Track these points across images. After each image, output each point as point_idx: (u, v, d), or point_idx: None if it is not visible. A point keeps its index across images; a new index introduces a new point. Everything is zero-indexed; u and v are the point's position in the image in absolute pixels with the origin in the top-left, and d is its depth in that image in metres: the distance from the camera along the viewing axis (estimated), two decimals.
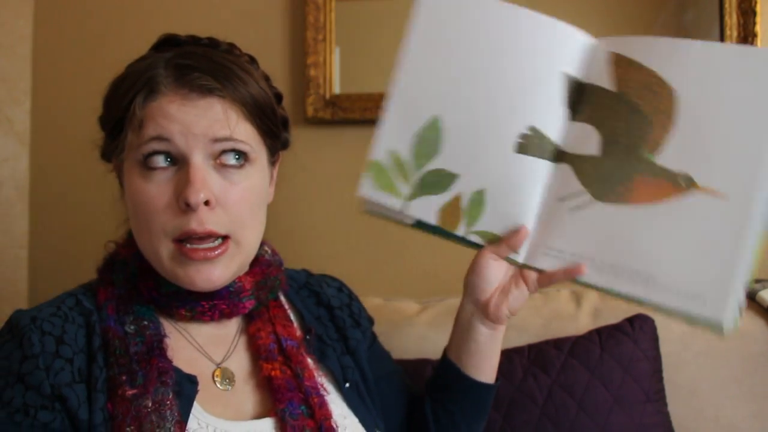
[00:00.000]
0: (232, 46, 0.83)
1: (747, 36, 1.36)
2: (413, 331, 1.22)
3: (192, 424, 0.70)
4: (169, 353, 0.73)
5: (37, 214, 1.59)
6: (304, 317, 0.88)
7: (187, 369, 0.74)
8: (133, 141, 0.74)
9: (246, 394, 0.78)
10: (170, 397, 0.68)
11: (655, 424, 1.05)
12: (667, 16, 1.44)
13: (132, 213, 0.76)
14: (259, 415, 0.76)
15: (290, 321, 0.85)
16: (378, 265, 1.47)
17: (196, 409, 0.72)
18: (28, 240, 1.59)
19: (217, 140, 0.73)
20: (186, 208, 0.71)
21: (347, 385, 0.85)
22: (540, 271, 0.79)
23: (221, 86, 0.74)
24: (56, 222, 1.59)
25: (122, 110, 0.75)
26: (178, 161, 0.73)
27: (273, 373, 0.77)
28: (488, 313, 0.85)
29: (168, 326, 0.77)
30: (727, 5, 1.38)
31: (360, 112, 1.46)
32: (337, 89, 1.48)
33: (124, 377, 0.69)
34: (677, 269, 0.69)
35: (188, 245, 0.72)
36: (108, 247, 0.82)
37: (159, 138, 0.72)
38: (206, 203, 0.71)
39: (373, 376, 0.91)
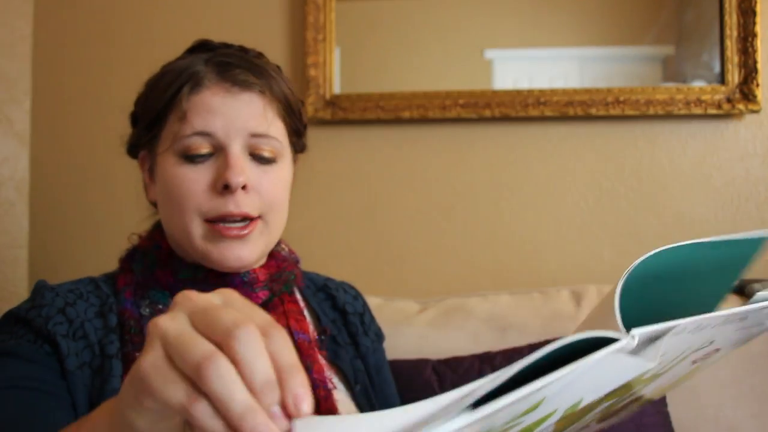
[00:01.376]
0: (260, 54, 0.90)
1: (747, 36, 1.36)
2: (413, 331, 1.22)
3: None
4: None
5: (37, 214, 1.59)
6: (320, 319, 0.90)
7: None
8: (175, 132, 0.78)
9: None
10: None
11: (655, 424, 1.05)
12: (667, 16, 1.44)
13: (165, 198, 0.80)
14: None
15: (303, 317, 0.86)
16: (378, 265, 1.47)
17: None
18: (28, 240, 1.59)
19: (254, 135, 0.79)
20: (224, 191, 0.76)
21: (358, 387, 0.86)
22: None
23: (261, 83, 0.80)
24: (56, 222, 1.59)
25: (165, 102, 0.79)
26: (217, 151, 0.78)
27: None
28: None
29: None
30: (727, 5, 1.38)
31: (360, 112, 1.46)
32: (337, 89, 1.48)
33: (137, 354, 0.72)
34: None
35: (221, 224, 0.76)
36: (131, 239, 0.87)
37: (202, 133, 0.77)
38: (243, 188, 0.76)
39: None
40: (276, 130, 0.81)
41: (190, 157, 0.77)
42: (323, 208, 1.50)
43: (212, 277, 0.79)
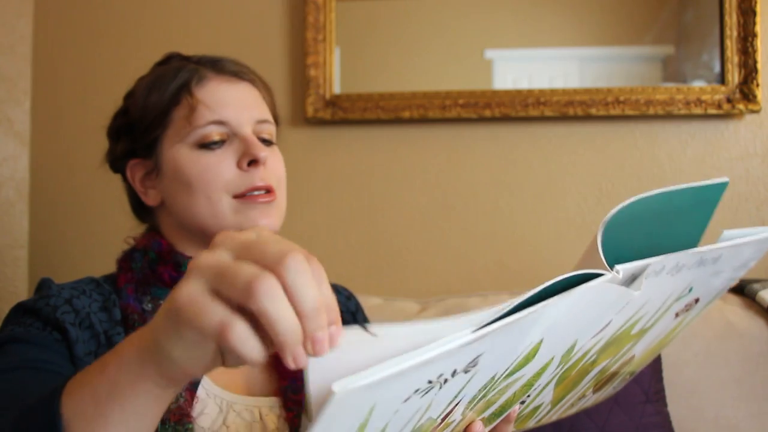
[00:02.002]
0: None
1: (747, 36, 1.36)
2: None
3: (200, 393, 0.75)
4: None
5: (37, 214, 1.59)
6: None
7: None
8: (185, 125, 0.82)
9: (254, 373, 0.82)
10: None
11: (655, 424, 1.05)
12: (667, 16, 1.44)
13: (183, 188, 0.82)
14: (265, 394, 0.81)
15: None
16: (378, 265, 1.47)
17: (205, 381, 0.77)
18: (28, 240, 1.59)
19: (259, 122, 0.86)
20: (248, 167, 0.82)
21: None
22: None
23: (250, 74, 0.88)
24: (56, 222, 1.59)
25: (168, 100, 0.83)
26: (229, 137, 0.83)
27: None
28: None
29: None
30: (727, 5, 1.38)
31: (360, 112, 1.46)
32: (337, 89, 1.48)
33: None
34: None
35: (249, 195, 0.82)
36: (127, 241, 0.89)
37: (217, 122, 0.82)
38: (263, 163, 0.83)
39: None
40: (269, 116, 0.89)
41: (207, 145, 0.82)
42: (323, 208, 1.50)
43: None
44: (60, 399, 0.48)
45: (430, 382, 0.43)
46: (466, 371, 0.46)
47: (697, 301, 0.67)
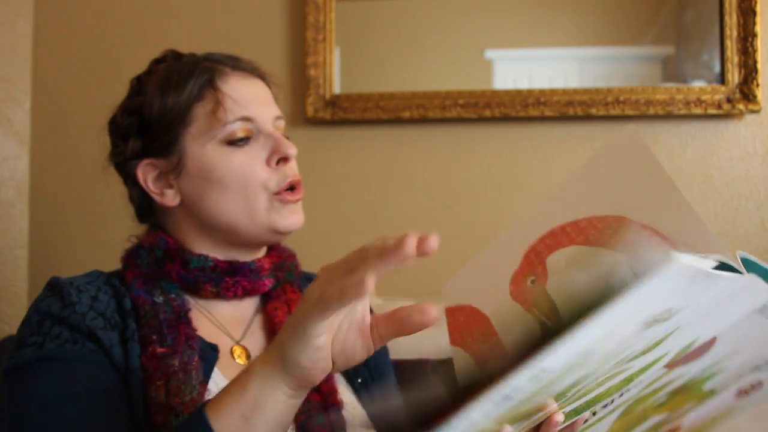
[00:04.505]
0: None
1: (747, 36, 1.36)
2: None
3: (212, 386, 0.75)
4: (194, 322, 0.79)
5: (37, 214, 1.59)
6: None
7: (208, 340, 0.79)
8: (211, 122, 0.81)
9: None
10: (196, 359, 0.74)
11: None
12: (667, 16, 1.44)
13: (214, 186, 0.81)
14: None
15: None
16: None
17: (216, 375, 0.77)
18: (28, 240, 1.59)
19: (276, 118, 0.87)
20: (278, 164, 0.83)
21: (359, 380, 0.88)
22: None
23: (263, 71, 0.89)
24: (56, 222, 1.58)
25: (189, 97, 0.82)
26: (254, 134, 0.83)
27: None
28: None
29: (191, 304, 0.82)
30: (727, 5, 1.38)
31: (360, 112, 1.46)
32: (337, 89, 1.48)
33: (154, 336, 0.75)
34: None
35: (284, 192, 0.83)
36: (131, 240, 0.88)
37: (245, 118, 0.82)
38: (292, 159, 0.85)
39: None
40: (281, 112, 0.89)
41: (234, 142, 0.81)
42: (323, 208, 1.50)
43: (221, 266, 0.82)
44: (207, 421, 0.57)
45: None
46: (662, 320, 0.49)
47: (760, 384, 0.66)
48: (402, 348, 1.13)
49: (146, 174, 0.85)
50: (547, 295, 0.64)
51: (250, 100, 0.83)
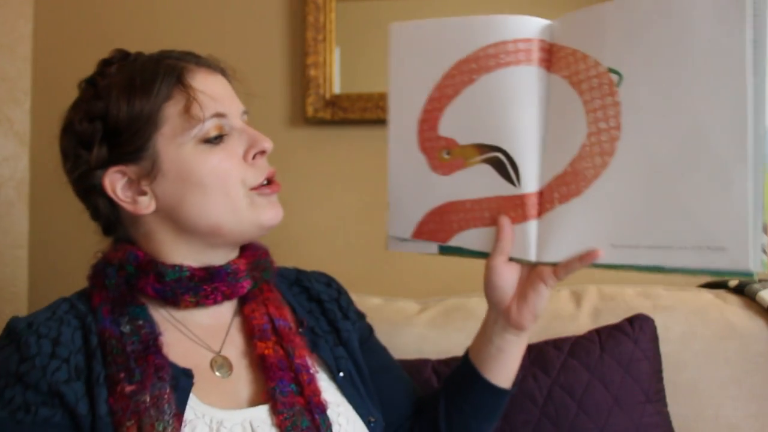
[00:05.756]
0: None
1: None
2: (413, 331, 1.22)
3: (188, 414, 0.73)
4: (165, 350, 0.75)
5: (37, 214, 1.59)
6: (296, 311, 0.90)
7: (183, 361, 0.76)
8: (186, 121, 0.78)
9: (242, 379, 0.81)
10: (167, 391, 0.71)
11: (655, 424, 1.05)
12: None
13: (194, 187, 0.78)
14: (254, 401, 0.78)
15: (282, 304, 0.88)
16: (378, 265, 1.47)
17: (193, 400, 0.74)
18: (28, 240, 1.59)
19: (243, 113, 0.85)
20: (254, 159, 0.81)
21: (341, 374, 0.86)
22: (554, 264, 0.78)
23: (224, 65, 0.87)
24: (56, 222, 1.58)
25: (159, 96, 0.78)
26: (226, 131, 0.81)
27: (266, 351, 0.80)
28: (510, 320, 0.84)
29: (163, 322, 0.79)
30: None
31: (360, 112, 1.46)
32: (337, 89, 1.48)
33: (122, 374, 0.72)
34: (694, 230, 0.68)
35: (261, 186, 0.82)
36: (96, 256, 0.85)
37: (219, 115, 0.80)
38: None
39: (369, 368, 0.92)
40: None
41: (211, 140, 0.79)
42: (323, 208, 1.50)
43: (198, 275, 0.79)
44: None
45: None
46: None
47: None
48: (402, 348, 1.13)
49: (114, 183, 0.80)
50: (467, 146, 0.82)
51: (219, 96, 0.81)
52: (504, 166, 0.79)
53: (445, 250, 0.86)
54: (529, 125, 0.77)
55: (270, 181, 0.83)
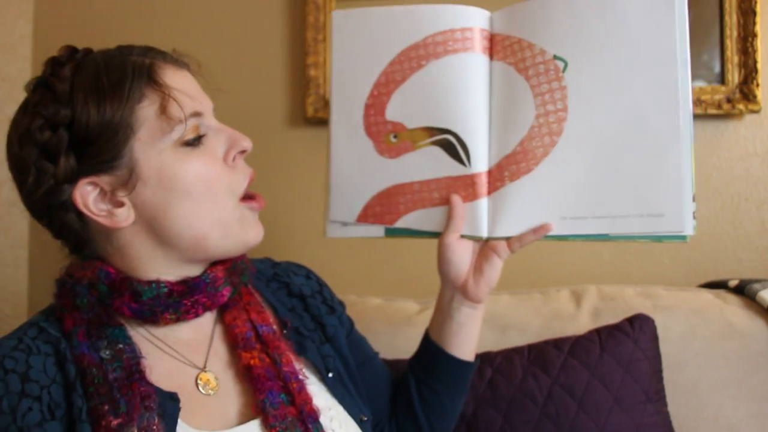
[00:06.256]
0: None
1: (747, 36, 1.36)
2: (413, 331, 1.22)
3: None
4: (148, 374, 0.70)
5: None
6: (278, 310, 0.87)
7: (168, 383, 0.72)
8: (162, 122, 0.71)
9: (229, 393, 0.77)
10: (156, 421, 0.66)
11: (655, 424, 1.05)
12: None
13: (178, 196, 0.72)
14: (244, 416, 0.75)
15: (263, 308, 0.84)
16: (378, 265, 1.47)
17: (181, 426, 0.69)
18: (28, 240, 1.59)
19: (212, 110, 0.79)
20: (234, 161, 0.76)
21: (330, 375, 0.83)
22: (507, 239, 0.83)
23: (189, 59, 0.80)
24: None
25: (131, 97, 0.71)
26: (204, 130, 0.75)
27: (252, 362, 0.76)
28: (468, 294, 0.88)
29: (143, 342, 0.75)
30: (727, 5, 1.38)
31: None
32: None
33: (106, 407, 0.66)
34: (635, 200, 0.77)
35: (250, 199, 0.78)
36: (60, 271, 0.79)
37: (196, 114, 0.74)
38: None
39: (354, 362, 0.91)
40: None
41: (191, 142, 0.73)
42: (323, 208, 1.50)
43: (177, 290, 0.74)
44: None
45: None
46: None
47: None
48: (401, 348, 1.13)
49: (85, 196, 0.72)
50: (416, 129, 0.85)
51: (191, 93, 0.74)
52: (454, 147, 0.83)
53: (392, 232, 0.89)
54: (479, 108, 0.83)
55: (253, 196, 0.78)
